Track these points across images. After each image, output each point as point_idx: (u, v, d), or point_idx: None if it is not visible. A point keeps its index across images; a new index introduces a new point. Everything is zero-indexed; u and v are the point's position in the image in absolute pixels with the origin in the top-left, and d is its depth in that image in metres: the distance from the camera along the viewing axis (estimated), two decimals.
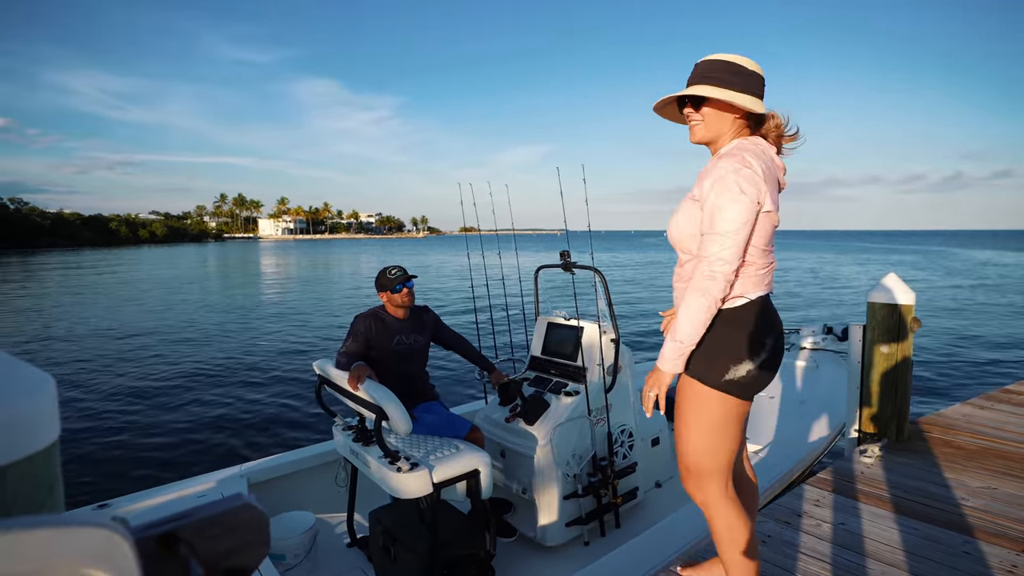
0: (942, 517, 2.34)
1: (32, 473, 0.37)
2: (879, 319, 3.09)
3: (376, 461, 2.36)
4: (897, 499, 2.50)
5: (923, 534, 2.21)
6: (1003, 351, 9.82)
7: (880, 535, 2.21)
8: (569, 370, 2.99)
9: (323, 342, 10.60)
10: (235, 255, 53.99)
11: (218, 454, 5.21)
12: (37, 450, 0.37)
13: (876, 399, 3.13)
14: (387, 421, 2.26)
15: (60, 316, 13.74)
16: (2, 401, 0.35)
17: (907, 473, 2.76)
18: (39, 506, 0.38)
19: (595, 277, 2.85)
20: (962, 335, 11.05)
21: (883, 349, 3.08)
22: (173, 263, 38.29)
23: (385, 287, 2.79)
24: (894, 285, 3.06)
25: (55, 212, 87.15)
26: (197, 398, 6.98)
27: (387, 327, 2.78)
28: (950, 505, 2.45)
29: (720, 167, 1.43)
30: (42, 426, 0.37)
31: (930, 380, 7.71)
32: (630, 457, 2.99)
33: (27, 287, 21.21)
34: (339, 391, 2.61)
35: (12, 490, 0.35)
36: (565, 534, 2.74)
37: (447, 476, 2.29)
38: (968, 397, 4.30)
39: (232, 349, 9.90)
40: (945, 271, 28.14)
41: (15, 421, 0.35)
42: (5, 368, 0.39)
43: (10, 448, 0.35)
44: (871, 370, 3.14)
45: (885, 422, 3.12)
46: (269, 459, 3.12)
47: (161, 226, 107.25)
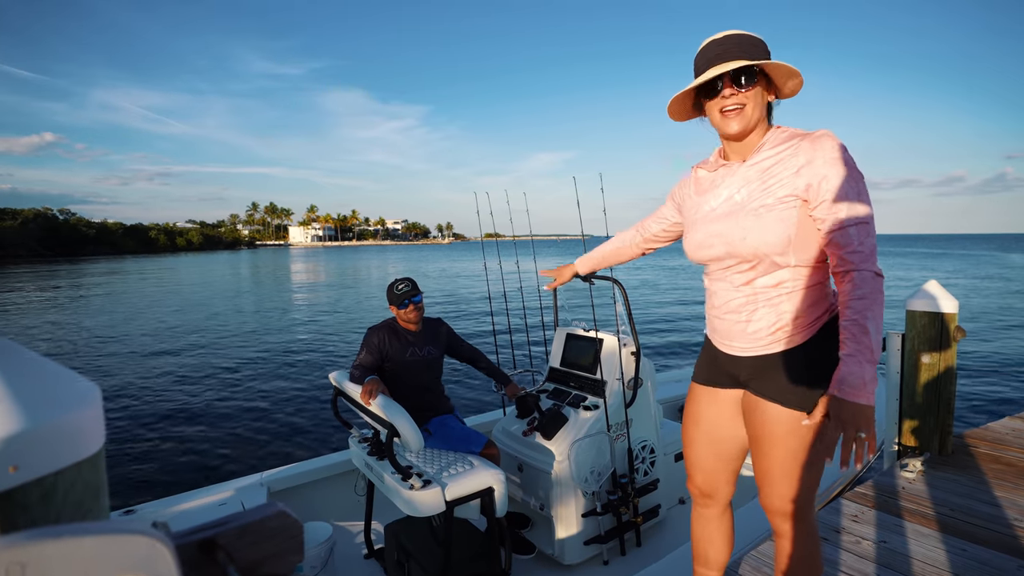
0: (993, 538, 2.18)
1: (80, 479, 0.38)
2: (919, 328, 2.92)
3: (389, 476, 2.33)
4: (942, 517, 2.34)
5: (972, 555, 2.06)
6: None
7: (925, 555, 2.07)
8: (588, 383, 2.90)
9: (348, 348, 10.72)
10: (266, 262, 55.40)
11: (239, 461, 5.28)
12: (85, 457, 0.38)
13: (917, 411, 2.95)
14: (399, 438, 2.22)
15: (87, 323, 14.25)
16: (53, 409, 0.36)
17: (952, 490, 2.58)
18: (86, 511, 0.39)
19: (614, 288, 2.76)
20: (1007, 344, 10.48)
21: (924, 359, 2.91)
22: (207, 270, 39.46)
23: (393, 301, 2.76)
24: (935, 292, 2.89)
25: (99, 222, 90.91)
26: (219, 404, 7.11)
27: (400, 339, 2.75)
28: (1002, 525, 2.27)
29: (824, 147, 1.22)
30: (90, 433, 0.39)
31: (974, 392, 7.31)
32: (652, 474, 2.89)
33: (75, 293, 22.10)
34: (353, 404, 2.59)
35: (62, 495, 0.37)
36: (583, 552, 2.66)
37: (460, 494, 2.24)
38: (1016, 411, 4.03)
39: (258, 355, 10.09)
40: (986, 276, 26.86)
41: (65, 429, 0.37)
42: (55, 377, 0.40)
43: (61, 455, 0.36)
44: (911, 381, 2.96)
45: (927, 435, 2.94)
46: (289, 467, 3.12)
47: (197, 234, 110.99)
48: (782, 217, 1.26)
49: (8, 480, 0.34)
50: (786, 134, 1.31)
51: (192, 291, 23.41)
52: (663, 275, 28.94)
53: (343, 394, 2.70)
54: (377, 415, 2.31)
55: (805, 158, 1.23)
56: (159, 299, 20.12)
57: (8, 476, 0.34)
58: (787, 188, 1.25)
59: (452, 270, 37.41)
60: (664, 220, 1.71)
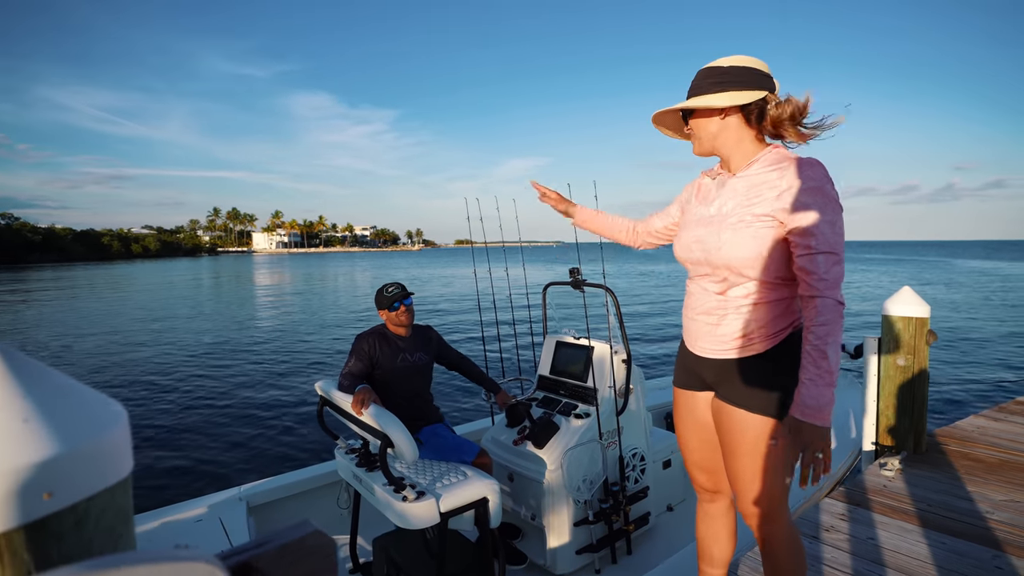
0: (969, 531, 2.29)
1: (112, 504, 0.37)
2: (895, 332, 3.04)
3: (381, 488, 2.26)
4: (922, 513, 2.44)
5: (951, 548, 2.17)
6: (1009, 361, 9.82)
7: (910, 549, 2.16)
8: (579, 391, 2.90)
9: (322, 358, 10.47)
10: (229, 269, 53.74)
11: (216, 475, 5.07)
12: (117, 481, 0.37)
13: (893, 411, 3.07)
14: (392, 448, 2.16)
15: (47, 332, 13.53)
16: (86, 432, 0.35)
17: (929, 486, 2.69)
18: (118, 537, 0.38)
19: (606, 296, 2.77)
20: (966, 346, 11.04)
21: (899, 362, 3.03)
22: (166, 278, 38.01)
23: (383, 305, 2.71)
24: (909, 298, 3.04)
25: (46, 227, 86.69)
26: (191, 417, 6.83)
27: (390, 345, 2.69)
28: (976, 519, 2.39)
29: (809, 177, 1.28)
30: (121, 456, 0.38)
31: (938, 392, 7.66)
32: (642, 481, 2.90)
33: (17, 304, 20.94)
34: (342, 414, 2.51)
35: (94, 522, 0.36)
36: (576, 561, 2.64)
37: (455, 505, 2.20)
38: (977, 409, 4.24)
39: (227, 367, 9.75)
40: (945, 282, 28.24)
41: (99, 452, 0.35)
42: (82, 397, 0.38)
43: (94, 479, 0.35)
44: (888, 382, 3.09)
45: (903, 435, 3.06)
46: (268, 480, 3.01)
47: (154, 240, 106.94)
48: (756, 235, 1.33)
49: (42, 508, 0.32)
50: (778, 155, 1.38)
51: (153, 298, 22.50)
52: (636, 281, 29.38)
53: (330, 404, 2.61)
54: (370, 425, 2.25)
55: (788, 183, 1.30)
56: (115, 307, 19.24)
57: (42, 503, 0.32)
58: (766, 208, 1.32)
59: (423, 276, 37.12)
60: (668, 217, 1.77)
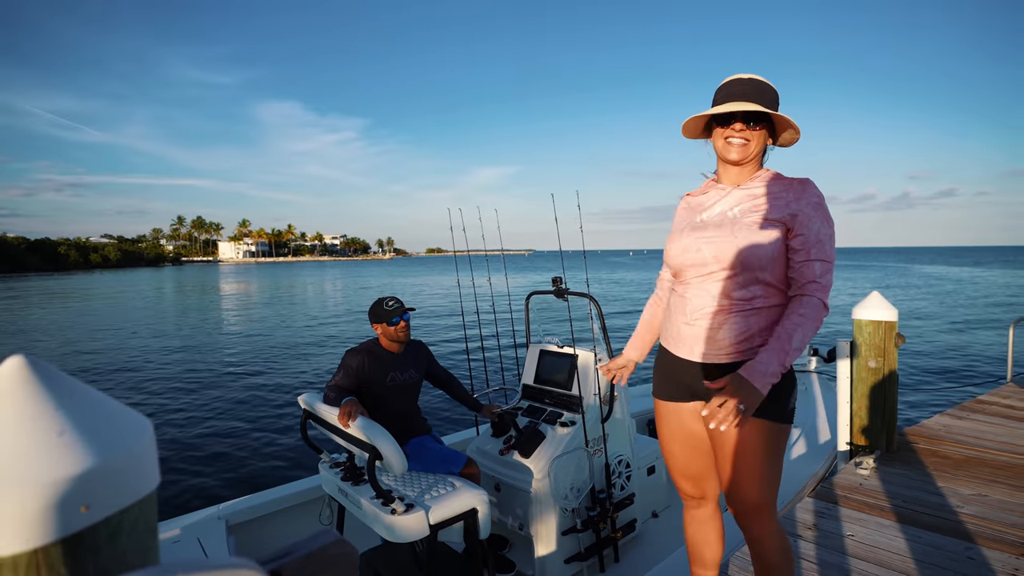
0: (943, 525, 2.39)
1: (143, 517, 0.37)
2: (865, 335, 3.16)
3: (368, 502, 2.22)
4: (898, 508, 2.54)
5: (927, 541, 2.26)
6: (969, 359, 10.26)
7: (888, 544, 2.24)
8: (563, 399, 2.91)
9: (297, 373, 10.23)
10: (190, 279, 52.12)
11: (192, 494, 4.88)
12: (147, 493, 0.37)
13: (866, 412, 3.19)
14: (380, 460, 2.12)
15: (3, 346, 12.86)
16: (120, 444, 0.35)
17: (903, 483, 2.79)
18: (146, 551, 0.38)
19: (589, 304, 2.80)
20: (924, 346, 11.51)
21: (871, 364, 3.15)
22: (125, 289, 36.61)
23: (381, 319, 2.66)
24: (878, 303, 3.18)
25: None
26: (164, 433, 6.57)
27: (381, 362, 2.65)
28: (948, 513, 2.49)
29: (813, 193, 1.45)
30: (149, 469, 0.38)
31: (903, 393, 7.95)
32: (628, 488, 2.92)
33: None
34: (327, 427, 2.46)
35: (127, 535, 0.36)
36: (565, 571, 2.64)
37: (444, 516, 2.18)
38: (939, 407, 4.41)
39: (200, 380, 9.44)
40: (903, 286, 29.38)
41: (132, 464, 0.36)
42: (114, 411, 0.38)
43: (128, 491, 0.35)
44: (860, 384, 3.20)
45: (876, 434, 3.17)
46: (247, 498, 2.92)
47: (114, 250, 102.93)
48: (769, 236, 1.43)
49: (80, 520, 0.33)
50: (775, 174, 1.52)
51: (113, 309, 21.62)
52: (610, 288, 29.68)
53: (314, 417, 2.56)
54: (357, 438, 2.21)
55: (794, 196, 1.44)
56: (74, 319, 18.43)
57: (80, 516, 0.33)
58: (777, 214, 1.44)
59: (396, 285, 36.71)
60: None
